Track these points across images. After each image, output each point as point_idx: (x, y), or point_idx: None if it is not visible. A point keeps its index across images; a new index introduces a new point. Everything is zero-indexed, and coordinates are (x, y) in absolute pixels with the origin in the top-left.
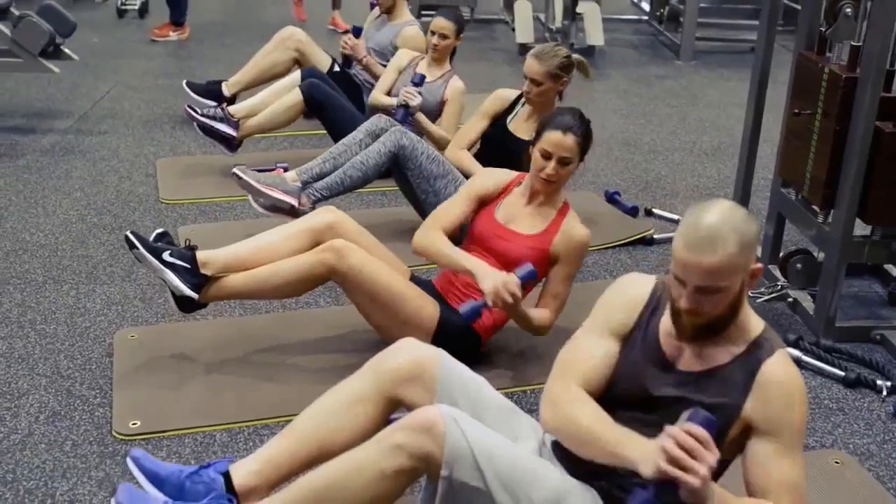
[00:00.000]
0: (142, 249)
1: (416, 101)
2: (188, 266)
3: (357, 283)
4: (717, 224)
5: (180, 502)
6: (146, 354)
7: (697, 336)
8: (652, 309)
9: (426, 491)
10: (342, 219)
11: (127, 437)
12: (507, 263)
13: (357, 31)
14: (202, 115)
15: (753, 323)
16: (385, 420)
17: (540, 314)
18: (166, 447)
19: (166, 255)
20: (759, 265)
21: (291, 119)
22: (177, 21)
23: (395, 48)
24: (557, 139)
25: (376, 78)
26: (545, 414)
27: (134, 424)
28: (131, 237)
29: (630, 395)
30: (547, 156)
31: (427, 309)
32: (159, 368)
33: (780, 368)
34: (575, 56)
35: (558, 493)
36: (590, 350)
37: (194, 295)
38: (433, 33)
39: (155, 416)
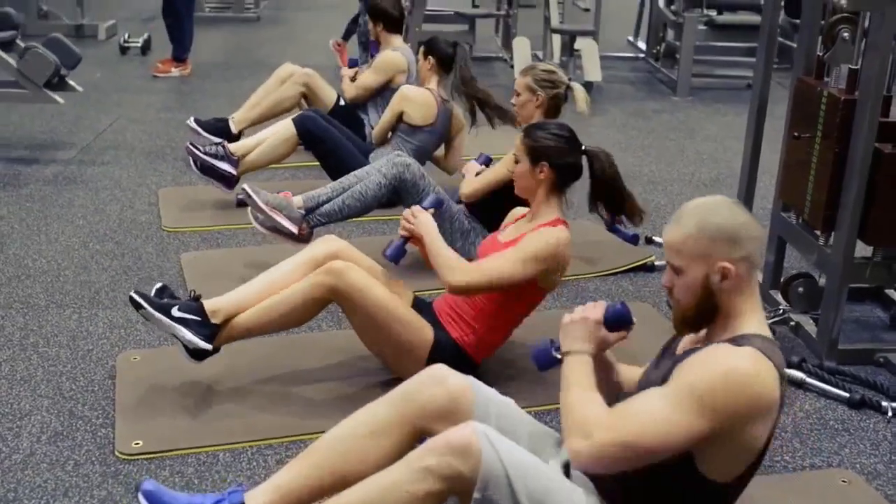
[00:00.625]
0: (149, 309)
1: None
2: (198, 318)
3: (355, 302)
4: (690, 206)
5: None
6: (149, 376)
7: (679, 327)
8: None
9: None
10: (344, 247)
11: (130, 457)
12: None
13: (353, 63)
14: (204, 153)
15: (749, 328)
16: (409, 449)
17: (457, 259)
18: (169, 467)
19: (175, 311)
20: (728, 265)
21: (288, 152)
22: (179, 57)
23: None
24: (516, 141)
25: (341, 91)
26: None
27: (136, 444)
28: (136, 297)
29: (638, 388)
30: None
31: (421, 332)
32: (162, 389)
33: (728, 348)
34: (572, 84)
35: None
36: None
37: (209, 346)
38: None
39: (158, 436)
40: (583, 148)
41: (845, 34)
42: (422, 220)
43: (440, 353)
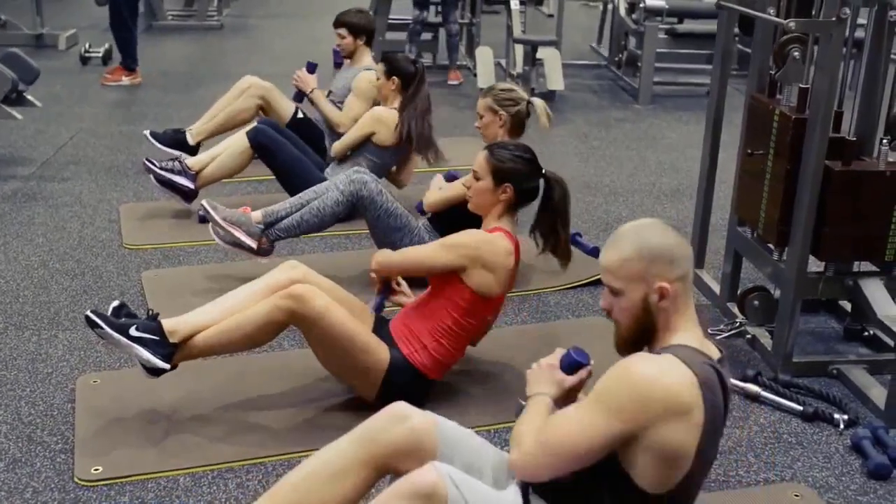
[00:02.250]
0: (106, 328)
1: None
2: (156, 338)
3: (316, 327)
4: (625, 229)
5: None
6: (109, 399)
7: (620, 348)
8: None
9: None
10: (305, 274)
11: (89, 483)
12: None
13: (311, 67)
14: (161, 169)
15: (677, 340)
16: (370, 488)
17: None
18: (129, 493)
19: (132, 331)
20: (665, 284)
21: (243, 164)
22: (129, 67)
23: (349, 90)
24: (477, 155)
25: (327, 118)
26: None
27: (96, 470)
28: (93, 317)
29: None
30: None
31: (379, 355)
32: (122, 414)
33: (638, 355)
34: (532, 99)
35: None
36: None
37: (166, 366)
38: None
39: (117, 461)
40: (542, 172)
41: (796, 54)
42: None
43: (396, 373)
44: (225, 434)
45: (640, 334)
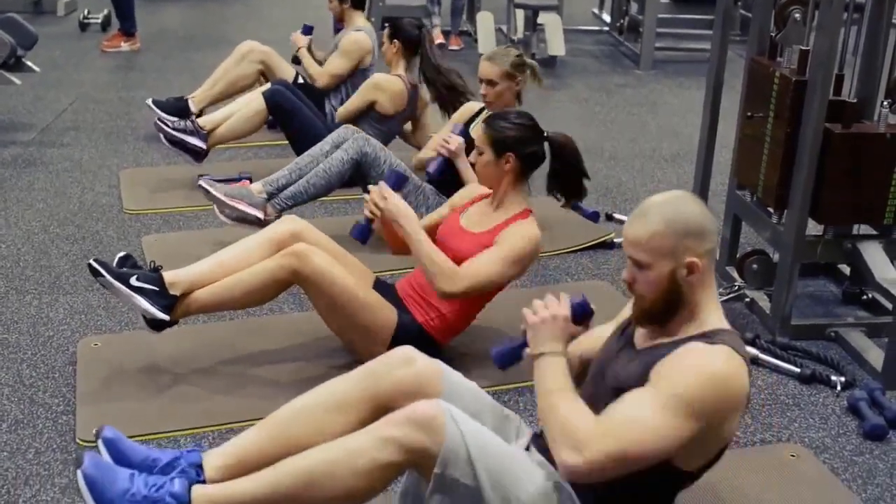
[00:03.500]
0: (108, 276)
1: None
2: (157, 289)
3: (319, 286)
4: (655, 202)
5: (146, 474)
6: (110, 362)
7: (641, 321)
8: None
9: (406, 482)
10: (304, 227)
11: (91, 444)
12: (456, 261)
13: (307, 29)
14: (173, 128)
15: (713, 322)
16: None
17: (444, 262)
18: None
19: (133, 280)
20: (695, 259)
21: (257, 126)
22: (128, 31)
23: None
24: (478, 128)
25: (309, 75)
26: None
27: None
28: (95, 265)
29: (593, 371)
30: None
31: (385, 315)
32: (123, 376)
33: (705, 348)
34: (528, 60)
35: (547, 490)
36: (598, 332)
37: (166, 317)
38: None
39: (119, 422)
40: (545, 134)
41: (797, 15)
42: (396, 206)
43: (404, 336)
44: (226, 395)
45: (665, 308)
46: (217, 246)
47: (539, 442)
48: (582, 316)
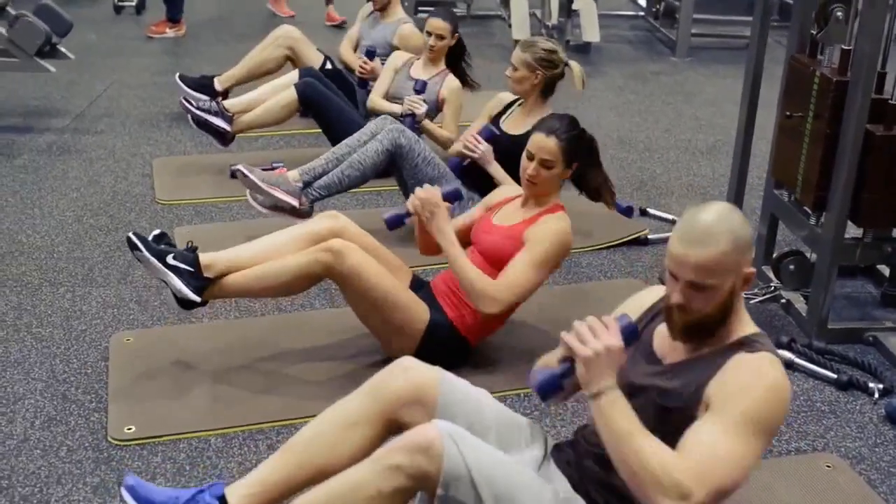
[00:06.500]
0: (145, 252)
1: (421, 109)
2: (192, 269)
3: (353, 284)
4: (712, 221)
5: None
6: (142, 358)
7: (687, 334)
8: (653, 314)
9: (421, 501)
10: (345, 224)
11: (122, 443)
12: (490, 256)
13: (371, 54)
14: (198, 109)
15: (745, 326)
16: (383, 441)
17: (483, 277)
18: (161, 452)
19: (170, 259)
20: (752, 270)
21: (286, 117)
22: (173, 18)
23: (393, 47)
24: (540, 141)
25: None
26: None
27: (129, 430)
28: (134, 238)
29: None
30: (530, 157)
31: (417, 313)
32: (155, 372)
33: (754, 360)
34: (571, 62)
35: None
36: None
37: (197, 298)
38: (429, 34)
39: (150, 421)
40: (587, 135)
41: (839, 13)
42: (440, 227)
43: (435, 334)
44: (257, 395)
45: (716, 320)
46: (250, 238)
47: (560, 455)
48: (631, 341)
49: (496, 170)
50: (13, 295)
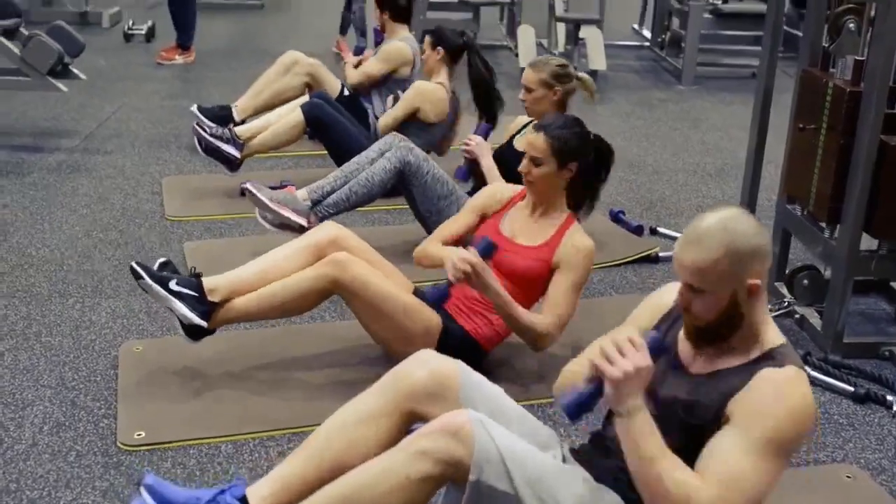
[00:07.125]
0: (147, 279)
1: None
2: (195, 294)
3: (359, 294)
4: (710, 225)
5: None
6: (151, 366)
7: (698, 339)
8: (674, 318)
9: (447, 497)
10: (345, 234)
11: (131, 448)
12: (518, 279)
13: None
14: (210, 135)
15: (772, 338)
16: (403, 435)
17: (534, 316)
18: (171, 458)
19: (173, 284)
20: (756, 282)
21: (293, 139)
22: (183, 45)
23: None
24: (530, 137)
25: (345, 76)
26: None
27: (139, 435)
28: (136, 268)
29: None
30: (524, 154)
31: (428, 320)
32: (164, 380)
33: (779, 377)
34: (580, 74)
35: (586, 495)
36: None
37: (203, 323)
38: (421, 49)
39: (160, 427)
40: (592, 137)
41: (851, 25)
42: (486, 283)
43: (449, 341)
44: (266, 401)
45: (722, 329)
46: (258, 254)
47: (577, 457)
48: (658, 357)
49: (489, 165)
50: (22, 305)
